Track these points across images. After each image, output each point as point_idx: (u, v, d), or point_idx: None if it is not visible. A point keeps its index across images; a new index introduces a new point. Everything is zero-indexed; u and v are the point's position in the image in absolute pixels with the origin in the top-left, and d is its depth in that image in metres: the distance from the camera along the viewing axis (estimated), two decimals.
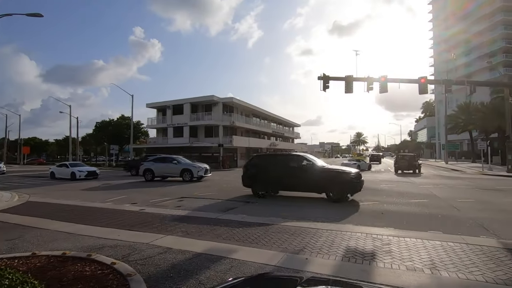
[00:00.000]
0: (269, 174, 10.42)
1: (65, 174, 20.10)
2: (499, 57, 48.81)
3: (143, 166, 18.52)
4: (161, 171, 18.03)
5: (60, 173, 20.57)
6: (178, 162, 18.17)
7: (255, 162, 11.52)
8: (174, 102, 39.02)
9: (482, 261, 4.01)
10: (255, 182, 10.70)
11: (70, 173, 19.77)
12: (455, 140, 46.66)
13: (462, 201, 9.17)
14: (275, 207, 8.70)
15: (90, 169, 21.02)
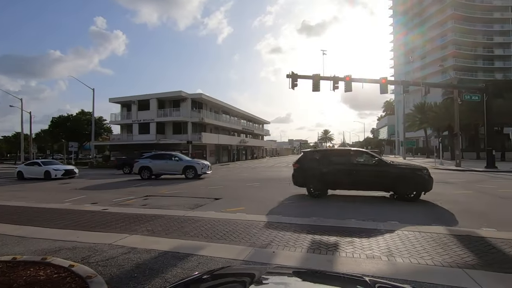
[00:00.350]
0: (328, 171, 9.21)
1: (37, 173, 18.32)
2: (450, 61, 53.30)
3: (139, 163, 17.31)
4: (160, 168, 17.03)
5: (30, 173, 18.70)
6: (180, 159, 17.37)
7: (311, 158, 10.27)
8: (140, 97, 37.41)
9: (432, 247, 4.39)
10: (311, 181, 9.42)
11: (43, 172, 18.04)
12: (412, 137, 50.19)
13: None
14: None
15: (67, 168, 19.43)
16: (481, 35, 55.18)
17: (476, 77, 52.76)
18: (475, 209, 7.41)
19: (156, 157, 17.67)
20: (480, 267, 3.64)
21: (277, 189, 11.51)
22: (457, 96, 23.32)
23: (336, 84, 17.85)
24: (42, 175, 18.01)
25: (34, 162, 20.03)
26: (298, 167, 9.94)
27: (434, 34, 57.72)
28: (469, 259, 3.90)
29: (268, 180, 15.30)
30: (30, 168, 19.04)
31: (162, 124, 36.72)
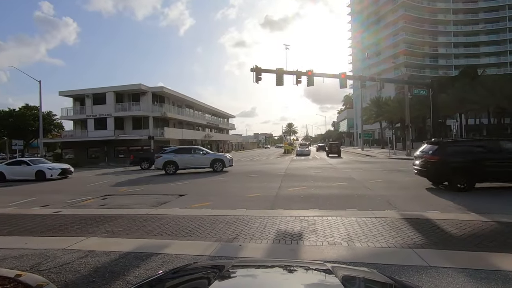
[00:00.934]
0: (481, 163, 8.41)
1: (25, 174, 16.08)
2: (401, 59, 57.36)
3: (163, 158, 16.57)
4: (187, 163, 16.60)
5: (15, 173, 16.29)
6: (206, 152, 17.48)
7: (453, 150, 9.03)
8: (95, 90, 34.80)
9: (386, 230, 4.74)
10: (459, 174, 8.44)
11: (35, 173, 15.83)
12: (369, 129, 53.43)
13: (373, 182, 10.63)
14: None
15: (63, 166, 17.22)
16: (428, 35, 60.10)
17: (424, 73, 57.49)
18: (422, 194, 8.15)
19: (181, 151, 17.32)
20: (427, 246, 4.03)
21: (243, 183, 11.57)
22: (408, 91, 25.26)
23: (299, 79, 18.26)
24: (33, 175, 15.84)
25: (20, 161, 17.38)
26: (438, 160, 8.71)
27: (388, 33, 61.62)
28: (418, 239, 4.29)
29: (234, 174, 15.30)
30: (15, 168, 16.58)
31: (120, 119, 34.67)
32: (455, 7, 59.24)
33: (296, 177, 12.96)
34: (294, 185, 10.47)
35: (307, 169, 16.71)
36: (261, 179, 12.53)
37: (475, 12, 59.42)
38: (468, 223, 4.98)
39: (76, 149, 34.36)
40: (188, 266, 1.63)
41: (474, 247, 3.97)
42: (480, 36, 59.38)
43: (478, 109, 34.14)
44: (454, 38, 59.73)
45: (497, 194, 7.97)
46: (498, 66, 56.43)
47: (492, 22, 58.63)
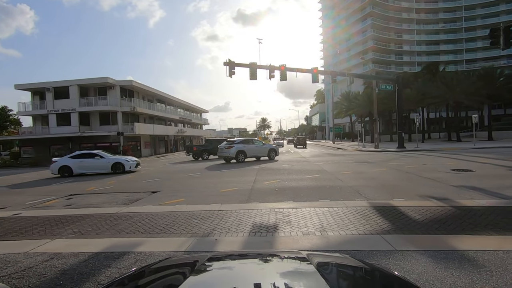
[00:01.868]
0: None
1: (98, 167, 15.68)
2: (370, 55, 59.66)
3: (235, 148, 18.49)
4: (253, 153, 18.96)
5: (85, 167, 15.72)
6: (263, 144, 20.14)
7: None
8: (57, 83, 32.49)
9: (357, 219, 4.97)
10: None
11: (111, 165, 15.58)
12: (340, 123, 55.35)
13: (344, 173, 11.05)
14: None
15: (135, 159, 17.14)
16: (393, 32, 62.96)
17: (390, 69, 60.32)
18: (389, 184, 8.62)
19: (246, 142, 19.46)
20: (393, 231, 4.28)
21: (218, 178, 11.50)
22: (375, 86, 26.40)
23: (272, 73, 18.39)
24: (109, 168, 15.59)
25: (89, 154, 16.46)
26: None
27: (357, 29, 63.69)
28: (385, 226, 4.54)
29: (208, 169, 15.14)
30: (84, 161, 15.80)
31: (86, 114, 32.78)
32: (417, 6, 62.52)
33: (270, 170, 13.12)
34: (269, 178, 10.59)
35: (281, 162, 16.96)
36: (236, 174, 12.53)
37: (436, 12, 63.17)
38: (429, 209, 5.36)
39: (37, 147, 32.02)
40: (161, 262, 1.59)
41: (435, 230, 4.28)
42: (440, 35, 63.35)
43: (438, 103, 36.61)
44: (417, 36, 63.16)
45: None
46: (456, 63, 60.69)
47: (451, 22, 62.77)
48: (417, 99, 35.60)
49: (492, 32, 11.99)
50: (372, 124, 34.17)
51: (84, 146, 31.93)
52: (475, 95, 30.95)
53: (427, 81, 35.43)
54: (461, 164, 12.51)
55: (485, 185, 7.59)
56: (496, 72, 34.17)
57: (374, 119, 28.05)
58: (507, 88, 32.87)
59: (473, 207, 5.42)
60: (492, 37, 11.95)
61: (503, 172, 9.95)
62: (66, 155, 16.88)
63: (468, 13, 61.02)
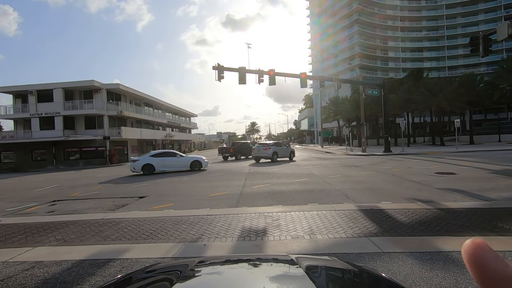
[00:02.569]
0: None
1: (178, 166, 16.70)
2: (356, 61, 60.92)
3: (272, 149, 20.49)
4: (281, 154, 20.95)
5: (166, 165, 16.51)
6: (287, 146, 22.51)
7: None
8: (40, 86, 31.57)
9: (345, 221, 5.02)
10: None
11: (190, 163, 16.71)
12: (328, 127, 56.04)
13: (332, 177, 11.16)
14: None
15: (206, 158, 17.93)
16: (379, 39, 64.61)
17: (376, 75, 61.72)
18: (376, 187, 8.77)
19: (278, 144, 21.68)
20: (380, 234, 4.35)
21: (207, 182, 11.40)
22: (362, 91, 26.93)
23: (261, 78, 18.48)
24: (188, 166, 16.67)
25: (168, 152, 17.52)
26: None
27: (344, 36, 65.02)
28: (372, 228, 4.60)
29: (198, 173, 14.99)
30: (165, 159, 16.59)
31: (71, 118, 31.94)
32: (402, 14, 64.49)
33: (260, 174, 13.12)
34: (258, 182, 10.58)
35: (270, 167, 16.99)
36: (225, 178, 12.46)
37: (419, 20, 65.30)
38: (415, 211, 5.48)
39: (18, 152, 30.91)
40: (148, 268, 1.56)
41: (420, 232, 4.37)
42: (424, 42, 65.44)
43: (422, 109, 37.66)
44: (402, 43, 65.00)
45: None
46: (439, 70, 62.72)
47: (433, 30, 65.00)
48: (402, 104, 36.53)
49: (472, 41, 12.49)
50: (360, 129, 34.80)
51: (68, 150, 31.11)
52: (456, 101, 32.02)
53: (412, 87, 36.44)
54: (444, 167, 12.87)
55: (468, 188, 7.82)
56: (476, 79, 35.50)
57: (361, 124, 28.56)
58: (487, 94, 34.18)
59: (457, 209, 5.57)
60: (472, 45, 12.44)
61: (484, 174, 10.29)
62: (146, 154, 17.72)
63: (450, 21, 63.39)
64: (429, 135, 43.61)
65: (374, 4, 63.24)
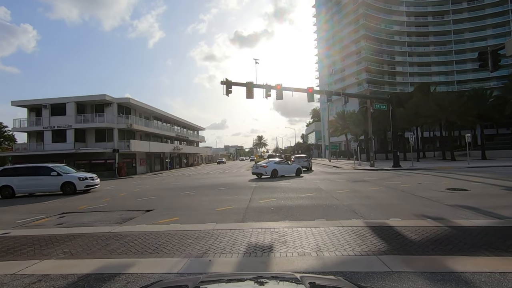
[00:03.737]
0: None
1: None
2: (363, 75, 61.15)
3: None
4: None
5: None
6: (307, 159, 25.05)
7: None
8: (54, 100, 32.64)
9: (353, 238, 4.92)
10: None
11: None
12: (336, 141, 55.69)
13: (340, 192, 11.02)
14: None
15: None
16: (386, 54, 64.99)
17: (383, 89, 61.69)
18: (385, 203, 8.60)
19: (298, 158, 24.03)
20: (389, 252, 4.24)
21: (213, 196, 11.38)
22: (370, 105, 26.88)
23: (268, 92, 18.69)
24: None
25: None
26: None
27: (351, 51, 65.68)
28: (381, 246, 4.50)
29: (204, 187, 15.00)
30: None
31: (82, 131, 32.72)
32: (408, 30, 65.01)
33: (266, 188, 13.04)
34: (265, 197, 10.52)
35: (277, 181, 16.90)
36: (231, 192, 12.43)
37: (426, 35, 65.64)
38: (425, 229, 5.34)
39: (31, 163, 31.61)
40: (153, 285, 1.57)
41: (431, 251, 4.25)
42: (431, 57, 65.48)
43: (431, 123, 37.21)
44: (409, 57, 65.18)
45: None
46: (447, 84, 62.34)
47: (441, 44, 65.15)
48: (411, 119, 36.21)
49: (480, 56, 12.47)
50: (368, 143, 34.49)
51: (78, 162, 31.63)
52: (466, 115, 31.57)
53: (420, 101, 36.19)
54: (455, 183, 12.57)
55: (480, 205, 7.61)
56: (486, 93, 35.08)
57: (369, 138, 28.34)
58: (498, 109, 33.63)
59: (469, 227, 5.41)
60: (481, 60, 12.41)
61: (497, 191, 10.00)
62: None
63: (457, 36, 63.50)
64: (439, 150, 42.84)
65: (381, 20, 64.04)
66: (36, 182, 14.37)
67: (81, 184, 14.56)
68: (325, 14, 72.87)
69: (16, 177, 14.43)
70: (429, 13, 65.31)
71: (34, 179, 14.38)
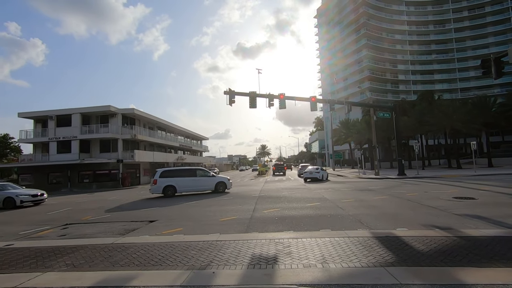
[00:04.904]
0: None
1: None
2: (366, 84, 61.29)
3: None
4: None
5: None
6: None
7: None
8: (59, 111, 33.06)
9: (359, 249, 4.81)
10: None
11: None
12: (339, 150, 55.48)
13: (345, 201, 10.88)
14: None
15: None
16: (388, 62, 65.26)
17: (386, 98, 61.69)
18: (391, 212, 8.46)
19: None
20: (397, 263, 4.13)
21: (217, 206, 11.30)
22: (373, 114, 26.82)
23: (271, 101, 18.78)
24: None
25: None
26: None
27: (353, 60, 66.11)
28: (388, 257, 4.39)
29: (207, 197, 14.92)
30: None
31: (86, 141, 32.99)
32: (410, 38, 65.43)
33: (270, 198, 12.93)
34: (269, 206, 10.41)
35: (281, 190, 16.77)
36: (235, 202, 12.34)
37: (428, 43, 65.94)
38: (433, 239, 5.21)
39: (36, 174, 31.85)
40: None
41: (440, 262, 4.13)
42: (434, 65, 65.58)
43: (435, 131, 36.94)
44: (411, 66, 65.36)
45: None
46: (450, 91, 62.17)
47: (443, 53, 65.33)
48: (415, 127, 36.02)
49: (483, 63, 12.43)
50: (372, 151, 34.25)
51: (83, 173, 31.80)
52: (471, 123, 31.34)
53: (424, 109, 36.08)
54: (462, 191, 12.36)
55: (489, 214, 7.44)
56: (490, 100, 34.90)
57: (373, 146, 28.17)
58: (503, 116, 33.38)
59: (478, 237, 5.28)
60: (484, 67, 12.37)
61: (506, 200, 9.80)
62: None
63: (459, 44, 63.70)
64: (445, 158, 42.41)
65: (382, 30, 64.59)
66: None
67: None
68: (326, 25, 73.80)
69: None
70: (430, 21, 65.78)
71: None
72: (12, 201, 14.65)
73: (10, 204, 14.62)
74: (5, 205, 14.57)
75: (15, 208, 14.59)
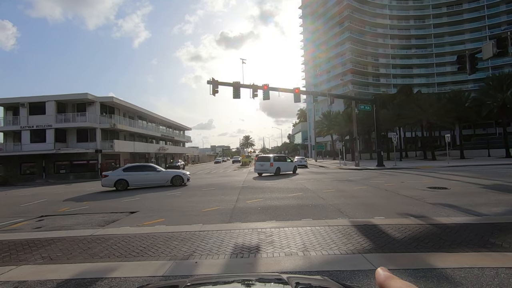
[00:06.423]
0: None
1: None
2: (348, 76, 62.30)
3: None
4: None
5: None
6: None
7: None
8: (32, 99, 31.33)
9: (338, 237, 4.98)
10: None
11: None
12: (322, 141, 56.42)
13: (326, 192, 11.15)
14: None
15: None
16: (370, 56, 66.48)
17: (368, 90, 63.10)
18: (369, 202, 8.77)
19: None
20: (374, 250, 4.31)
21: (200, 197, 11.26)
22: (355, 106, 27.38)
23: (255, 92, 18.70)
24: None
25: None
26: None
27: (336, 53, 66.81)
28: (366, 244, 4.57)
29: (190, 188, 14.82)
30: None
31: (62, 130, 31.59)
32: (391, 33, 66.78)
33: (253, 189, 13.03)
34: (252, 197, 10.50)
35: (264, 181, 16.92)
36: (218, 192, 12.34)
37: (408, 38, 67.63)
38: (408, 227, 5.47)
39: (6, 165, 30.27)
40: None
41: (413, 248, 4.36)
42: (413, 59, 67.53)
43: (413, 124, 38.35)
44: (392, 60, 66.96)
45: None
46: (428, 86, 64.44)
47: (422, 47, 67.31)
48: (394, 119, 37.19)
49: (459, 59, 12.94)
50: (352, 143, 35.13)
51: (59, 163, 30.59)
52: (445, 117, 32.76)
53: (402, 103, 37.25)
54: (436, 182, 13.00)
55: (459, 203, 7.89)
56: (464, 95, 36.51)
57: (354, 138, 28.88)
58: (475, 110, 35.08)
59: (449, 224, 5.59)
60: (459, 63, 12.88)
61: (475, 189, 10.41)
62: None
63: (437, 40, 65.79)
64: (421, 150, 44.23)
65: (365, 23, 65.43)
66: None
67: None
68: (311, 16, 73.76)
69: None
70: (411, 16, 67.32)
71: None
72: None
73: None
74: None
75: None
